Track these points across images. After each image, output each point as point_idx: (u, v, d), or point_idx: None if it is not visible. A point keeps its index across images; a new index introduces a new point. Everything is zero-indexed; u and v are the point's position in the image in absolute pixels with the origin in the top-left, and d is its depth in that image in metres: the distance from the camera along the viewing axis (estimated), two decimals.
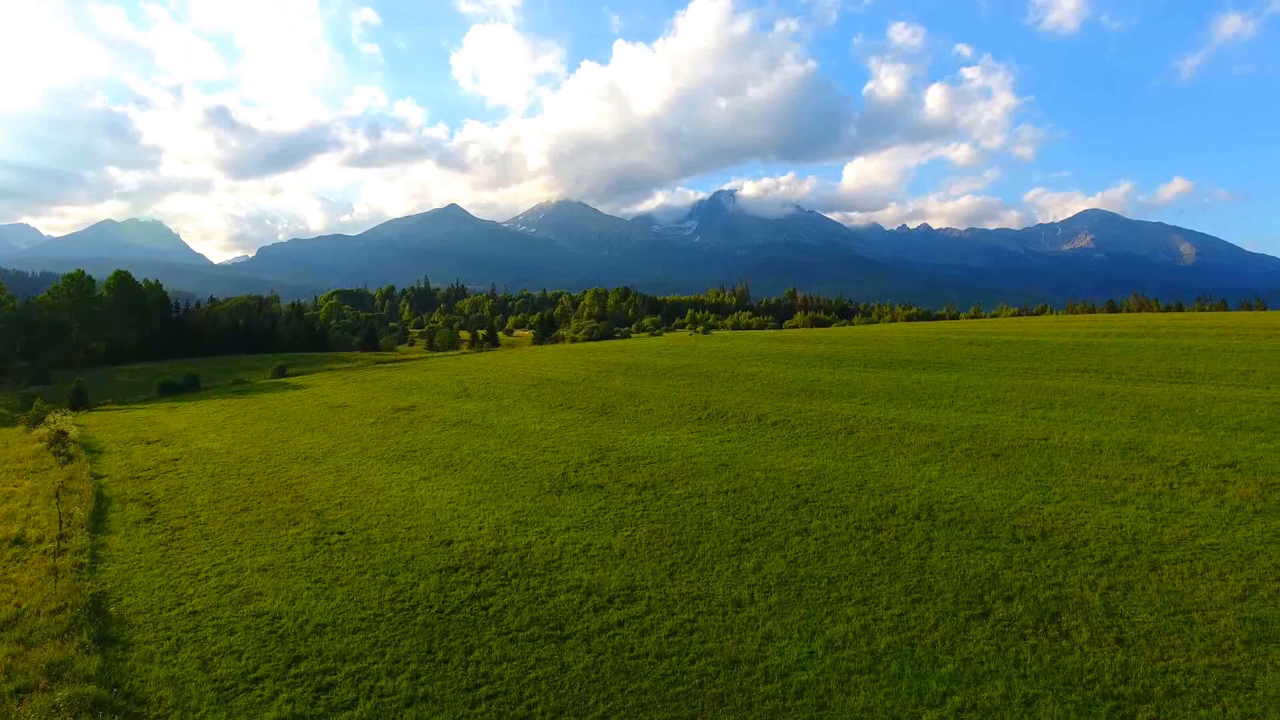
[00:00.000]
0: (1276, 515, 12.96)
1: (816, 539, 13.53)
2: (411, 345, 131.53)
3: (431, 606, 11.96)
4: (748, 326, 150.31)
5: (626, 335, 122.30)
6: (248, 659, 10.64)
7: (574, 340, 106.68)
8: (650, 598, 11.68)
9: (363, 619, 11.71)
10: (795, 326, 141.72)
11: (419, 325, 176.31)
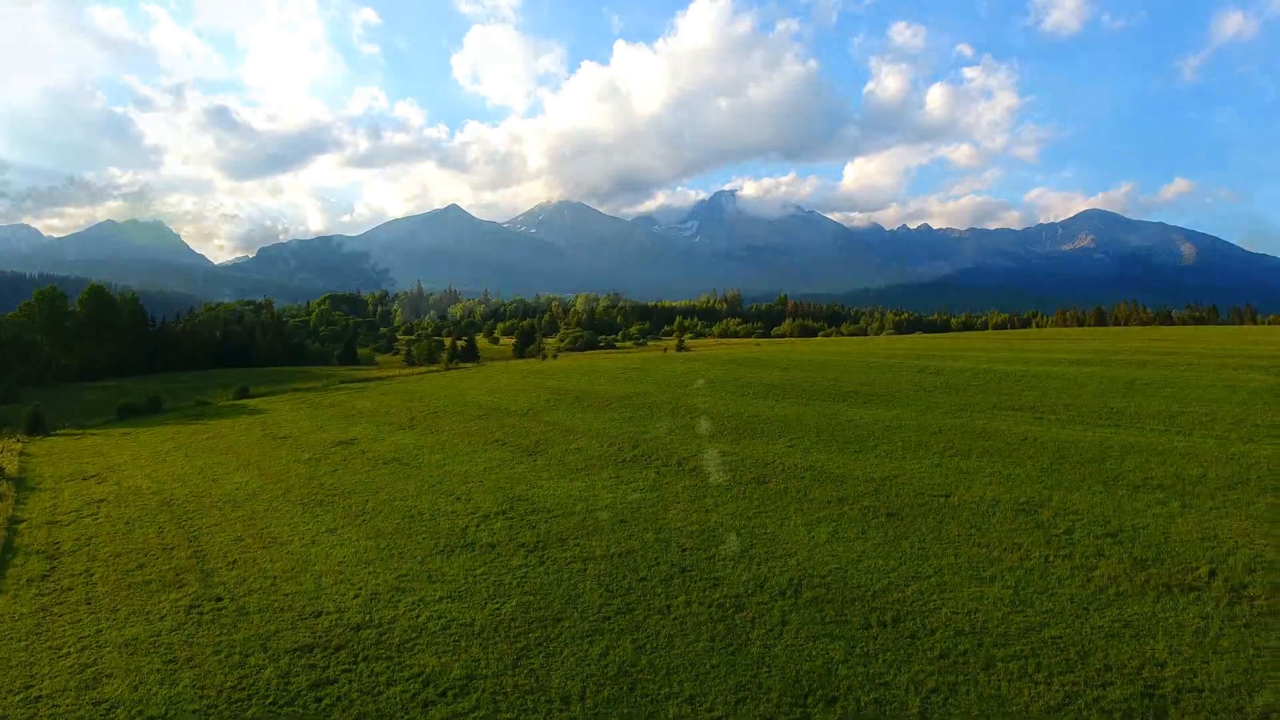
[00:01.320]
0: (1136, 600, 12.79)
1: (674, 619, 13.37)
2: (396, 354, 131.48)
3: (267, 697, 11.83)
4: (735, 334, 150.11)
5: (611, 345, 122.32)
6: None
7: (556, 351, 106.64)
8: (484, 689, 11.54)
9: (195, 711, 11.58)
10: (783, 334, 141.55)
11: (409, 331, 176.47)
